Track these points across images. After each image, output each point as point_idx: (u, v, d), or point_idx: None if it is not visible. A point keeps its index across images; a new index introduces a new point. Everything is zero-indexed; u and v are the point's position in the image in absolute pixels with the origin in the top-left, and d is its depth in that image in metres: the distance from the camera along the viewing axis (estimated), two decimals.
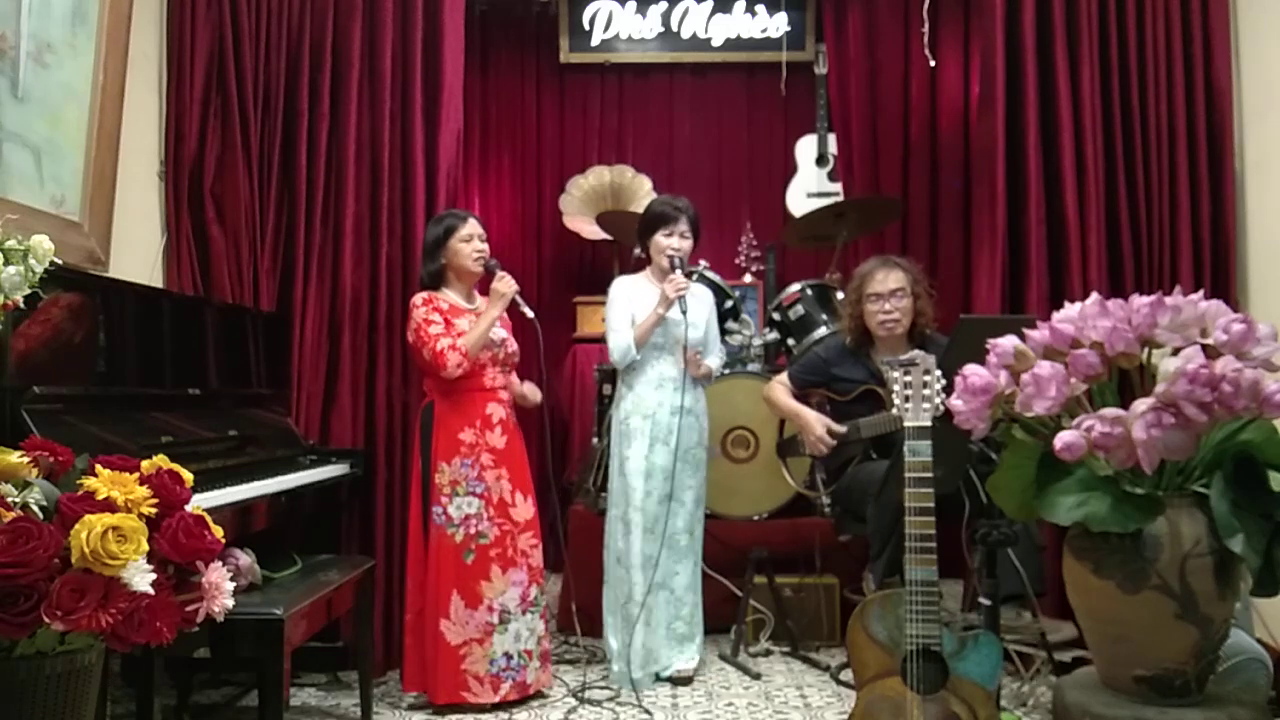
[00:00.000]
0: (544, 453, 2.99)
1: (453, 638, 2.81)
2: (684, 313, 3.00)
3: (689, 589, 3.13)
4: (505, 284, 2.89)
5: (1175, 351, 1.71)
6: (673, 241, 3.10)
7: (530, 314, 2.94)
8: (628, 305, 3.11)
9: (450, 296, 2.94)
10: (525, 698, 2.90)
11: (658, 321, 3.05)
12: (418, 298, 2.91)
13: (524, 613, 2.88)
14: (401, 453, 3.13)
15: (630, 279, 3.23)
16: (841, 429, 3.04)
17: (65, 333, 2.16)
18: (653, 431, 3.07)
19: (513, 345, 3.02)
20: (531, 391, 3.09)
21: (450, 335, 2.82)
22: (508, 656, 2.84)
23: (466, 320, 2.89)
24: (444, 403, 2.89)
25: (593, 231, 4.91)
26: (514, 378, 3.07)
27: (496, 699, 2.82)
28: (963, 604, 3.34)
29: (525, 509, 2.94)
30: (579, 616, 3.38)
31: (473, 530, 2.84)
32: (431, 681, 2.84)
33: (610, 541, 3.13)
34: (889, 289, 3.04)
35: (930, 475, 1.99)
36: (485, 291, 2.97)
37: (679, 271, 3.04)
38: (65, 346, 2.16)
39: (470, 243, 2.91)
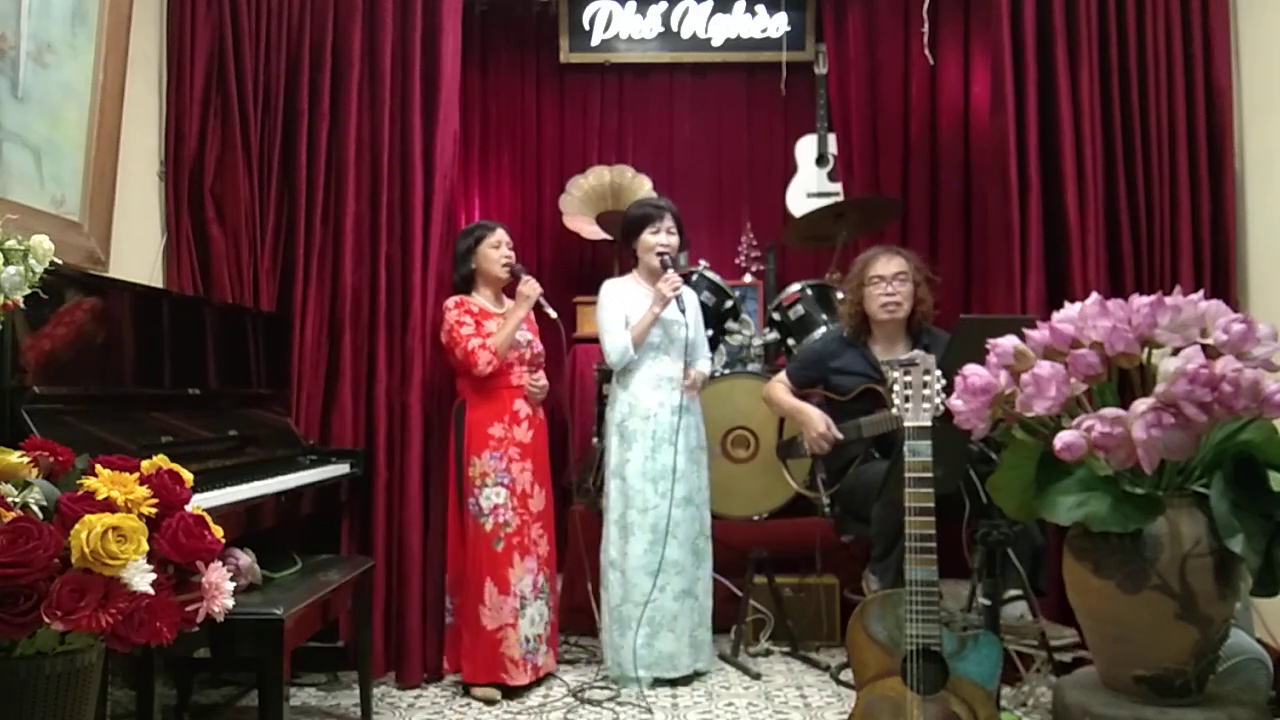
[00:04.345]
0: (547, 452, 3.10)
1: (489, 623, 2.96)
2: (683, 311, 3.04)
3: (708, 594, 3.16)
4: (529, 287, 3.04)
5: (1175, 351, 1.71)
6: (660, 238, 3.12)
7: (554, 314, 3.12)
8: (620, 307, 3.12)
9: (479, 300, 3.11)
10: (538, 680, 3.04)
11: (654, 321, 3.07)
12: (450, 301, 3.07)
13: (535, 598, 3.03)
14: (403, 452, 3.13)
15: (619, 281, 3.24)
16: (840, 435, 3.04)
17: (65, 333, 2.16)
18: (655, 433, 3.07)
19: (538, 346, 3.17)
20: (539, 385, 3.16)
21: (480, 335, 2.99)
22: (527, 640, 2.99)
23: (494, 324, 3.06)
24: (475, 399, 3.06)
25: (593, 231, 4.91)
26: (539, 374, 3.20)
27: (528, 680, 2.97)
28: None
29: (539, 500, 3.09)
30: (577, 615, 3.38)
31: (500, 519, 2.99)
32: (469, 664, 2.98)
33: (604, 545, 3.13)
34: (892, 272, 3.06)
35: (930, 475, 1.99)
36: (512, 295, 3.13)
37: (672, 270, 3.06)
38: (65, 347, 2.16)
39: (499, 249, 3.11)
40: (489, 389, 3.04)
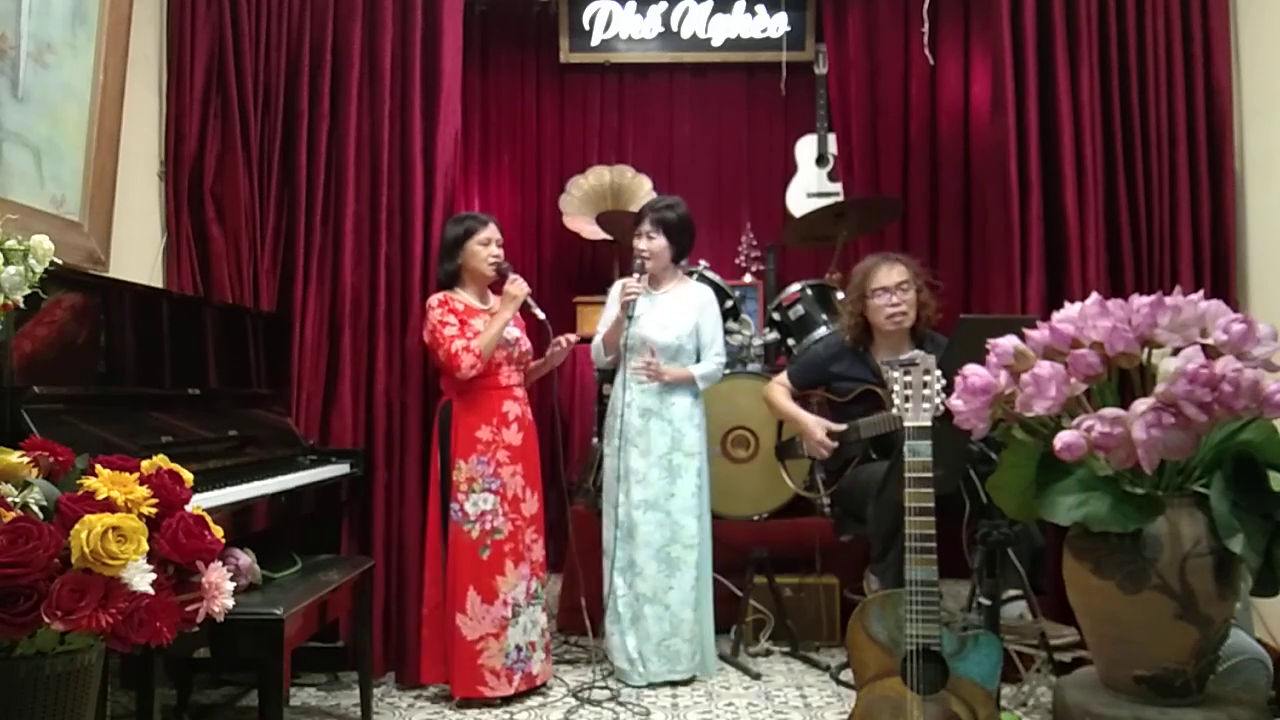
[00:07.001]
0: (555, 453, 3.06)
1: (469, 633, 2.87)
2: (629, 317, 3.04)
3: (686, 605, 3.03)
4: (517, 287, 2.97)
5: (1175, 351, 1.71)
6: (639, 244, 3.14)
7: (541, 316, 3.04)
8: (614, 306, 3.16)
9: (465, 296, 3.03)
10: (532, 688, 2.98)
11: (616, 324, 3.09)
12: (434, 299, 2.99)
13: (529, 605, 2.97)
14: (401, 453, 3.13)
15: (623, 281, 3.24)
16: (840, 428, 3.04)
17: (65, 333, 2.16)
18: (622, 432, 3.08)
19: (526, 344, 3.10)
20: (559, 351, 3.11)
21: (464, 336, 2.90)
22: (518, 649, 2.92)
23: (481, 320, 2.97)
24: (461, 401, 2.97)
25: (593, 231, 4.91)
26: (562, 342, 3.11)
27: (511, 691, 2.90)
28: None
29: (532, 504, 3.03)
30: (577, 615, 3.37)
31: (488, 526, 2.91)
32: (450, 674, 2.90)
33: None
34: (895, 282, 3.05)
35: (930, 475, 1.99)
36: (499, 292, 3.04)
37: (635, 275, 3.08)
38: (65, 347, 2.16)
39: (487, 246, 3.01)
40: (476, 390, 2.94)
